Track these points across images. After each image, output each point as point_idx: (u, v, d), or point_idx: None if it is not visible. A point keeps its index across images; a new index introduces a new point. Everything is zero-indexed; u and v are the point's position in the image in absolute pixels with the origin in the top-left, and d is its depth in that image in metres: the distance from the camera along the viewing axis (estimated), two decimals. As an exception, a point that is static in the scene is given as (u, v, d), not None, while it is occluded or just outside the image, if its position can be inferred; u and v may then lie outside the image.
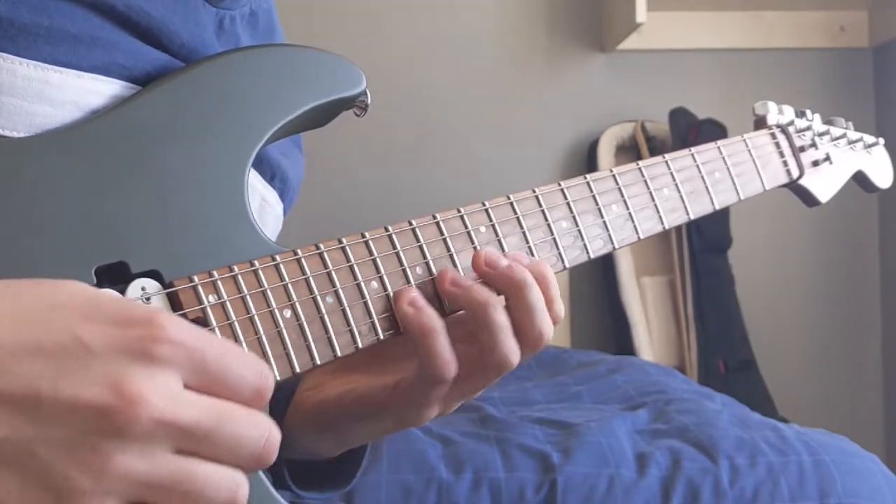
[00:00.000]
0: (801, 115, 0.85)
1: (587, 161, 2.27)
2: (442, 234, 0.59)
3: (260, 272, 0.51)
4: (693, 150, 0.74)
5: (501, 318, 0.56)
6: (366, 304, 0.55)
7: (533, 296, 0.57)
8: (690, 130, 2.13)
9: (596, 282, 2.24)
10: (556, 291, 0.59)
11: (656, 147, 2.20)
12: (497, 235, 0.62)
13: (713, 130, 2.10)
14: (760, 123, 0.83)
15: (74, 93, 0.50)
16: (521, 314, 0.57)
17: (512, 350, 0.56)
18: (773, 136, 0.82)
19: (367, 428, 0.65)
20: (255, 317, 0.50)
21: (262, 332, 0.50)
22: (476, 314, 0.56)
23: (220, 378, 0.41)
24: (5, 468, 0.36)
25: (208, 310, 0.49)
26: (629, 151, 2.24)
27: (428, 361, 0.55)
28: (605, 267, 2.19)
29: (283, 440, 0.65)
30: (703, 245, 2.12)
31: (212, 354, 0.40)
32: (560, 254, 0.64)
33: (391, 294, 0.56)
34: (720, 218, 2.14)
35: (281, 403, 0.67)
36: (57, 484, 0.37)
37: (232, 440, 0.40)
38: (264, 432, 0.41)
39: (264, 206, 0.61)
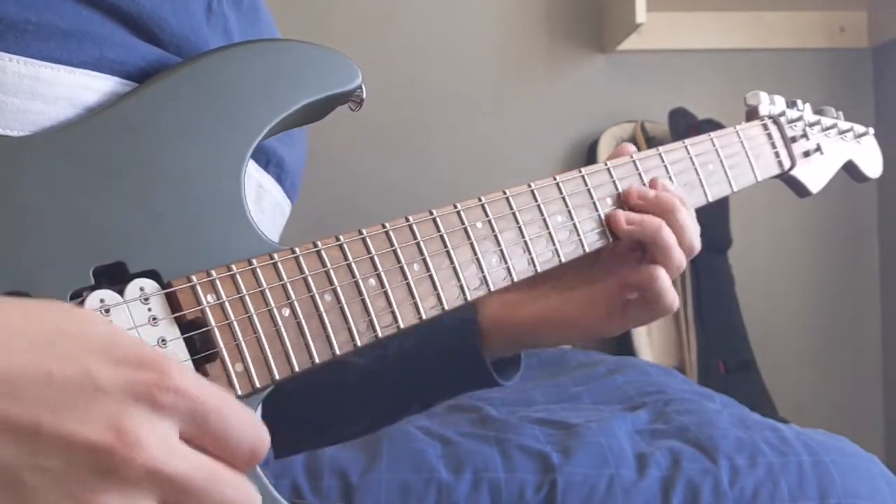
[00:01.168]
0: (792, 105, 0.85)
1: (587, 161, 2.27)
2: (439, 230, 0.59)
3: (258, 271, 0.51)
4: (686, 142, 0.74)
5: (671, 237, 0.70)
6: (364, 301, 0.55)
7: (683, 215, 0.70)
8: (690, 131, 2.13)
9: (596, 282, 2.24)
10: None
11: (656, 147, 2.20)
12: (493, 231, 0.62)
13: (712, 131, 2.10)
14: (752, 114, 0.83)
15: (67, 89, 0.50)
16: (677, 232, 0.70)
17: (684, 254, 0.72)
18: (765, 126, 0.82)
19: (558, 340, 0.77)
20: (254, 316, 0.50)
21: (260, 331, 0.50)
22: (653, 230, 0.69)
23: (219, 434, 0.41)
24: None
25: (207, 310, 0.49)
26: (629, 152, 2.24)
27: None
28: (604, 267, 2.19)
29: (478, 345, 0.74)
30: (702, 245, 2.12)
31: (214, 409, 0.40)
32: (556, 248, 0.64)
33: (389, 291, 0.56)
34: (720, 218, 2.14)
35: (467, 325, 0.74)
36: None
37: (218, 502, 0.40)
38: (249, 501, 0.41)
39: (261, 192, 0.61)
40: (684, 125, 2.14)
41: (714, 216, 0.87)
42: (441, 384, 0.79)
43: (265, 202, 0.62)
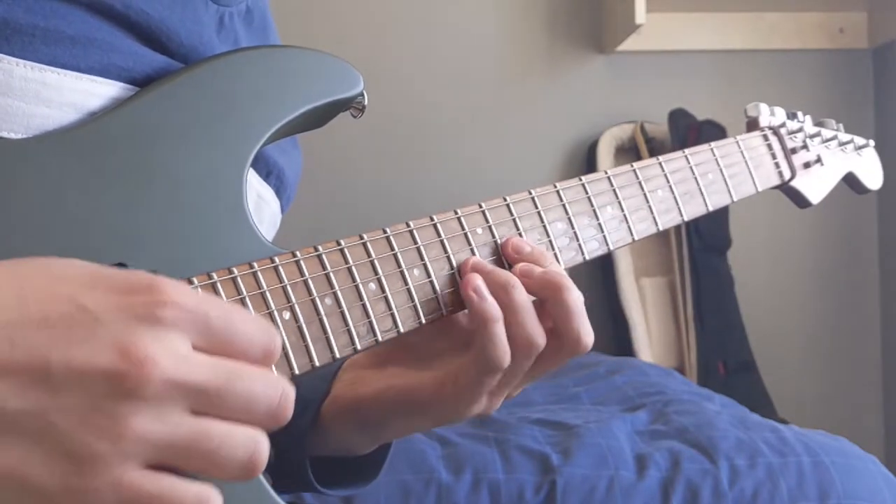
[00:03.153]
0: (792, 116, 0.86)
1: (586, 162, 2.27)
2: (439, 235, 0.60)
3: (259, 274, 0.52)
4: (687, 151, 0.74)
5: (575, 298, 0.59)
6: (364, 305, 0.55)
7: (572, 298, 0.59)
8: (690, 132, 2.13)
9: (595, 283, 2.24)
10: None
11: (656, 148, 2.20)
12: (494, 237, 0.62)
13: (712, 132, 2.11)
14: (753, 125, 0.83)
15: (73, 94, 0.50)
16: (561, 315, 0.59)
17: (589, 332, 0.60)
18: (766, 137, 0.82)
19: (406, 424, 0.65)
20: (254, 318, 0.50)
21: (261, 333, 0.51)
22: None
23: (228, 338, 0.41)
24: (26, 440, 0.37)
25: (208, 312, 0.49)
26: (628, 153, 2.24)
27: (488, 348, 0.57)
28: (604, 268, 2.19)
29: (316, 437, 0.65)
30: (702, 246, 2.12)
31: (216, 315, 0.40)
32: (556, 255, 0.65)
33: (389, 295, 0.57)
34: (719, 219, 2.14)
35: (315, 402, 0.68)
36: (77, 451, 0.37)
37: (245, 398, 0.40)
38: (278, 389, 0.41)
39: (260, 203, 0.62)
40: (684, 126, 2.15)
41: (714, 217, 0.87)
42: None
43: (264, 213, 0.62)
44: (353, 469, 0.70)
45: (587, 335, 0.60)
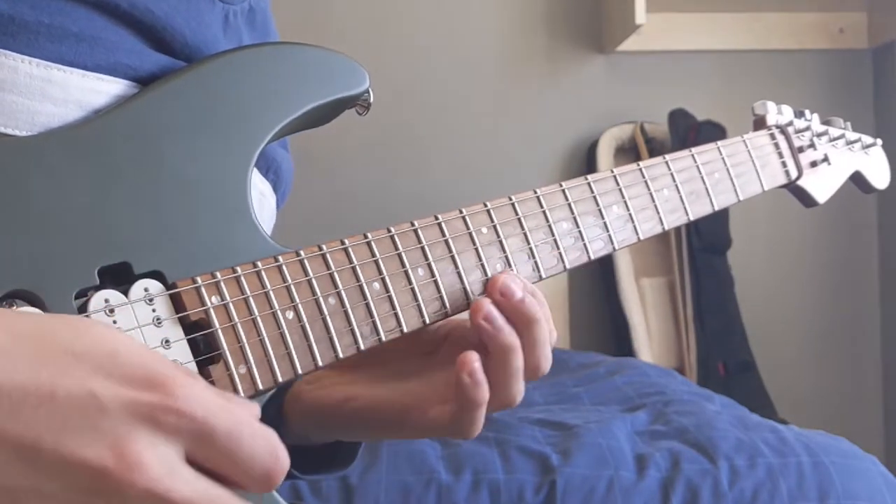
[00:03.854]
0: (799, 115, 0.85)
1: (586, 162, 2.27)
2: (444, 235, 0.59)
3: (263, 273, 0.51)
4: (693, 150, 0.74)
5: (519, 363, 0.57)
6: (368, 305, 0.55)
7: (542, 332, 0.58)
8: (689, 131, 2.13)
9: (595, 283, 2.24)
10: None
11: (655, 148, 2.20)
12: (499, 236, 0.62)
13: (712, 131, 2.11)
14: (760, 123, 0.83)
15: (78, 92, 0.50)
16: (528, 349, 0.57)
17: (520, 391, 0.58)
18: (773, 136, 0.82)
19: (364, 435, 0.65)
20: (258, 318, 0.50)
21: (264, 333, 0.50)
22: (501, 356, 0.57)
23: (228, 455, 0.40)
24: None
25: (211, 311, 0.49)
26: (628, 153, 2.24)
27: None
28: (604, 268, 2.19)
29: (275, 425, 0.64)
30: (702, 246, 2.12)
31: (223, 430, 0.39)
32: (561, 254, 0.64)
33: (393, 295, 0.56)
34: (720, 219, 2.14)
35: (279, 391, 0.66)
36: None
37: None
38: None
39: (262, 199, 0.61)
40: (684, 126, 2.15)
41: (714, 218, 0.87)
42: None
43: (265, 210, 0.62)
44: (330, 454, 0.69)
45: (546, 365, 0.59)
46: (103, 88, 0.51)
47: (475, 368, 0.54)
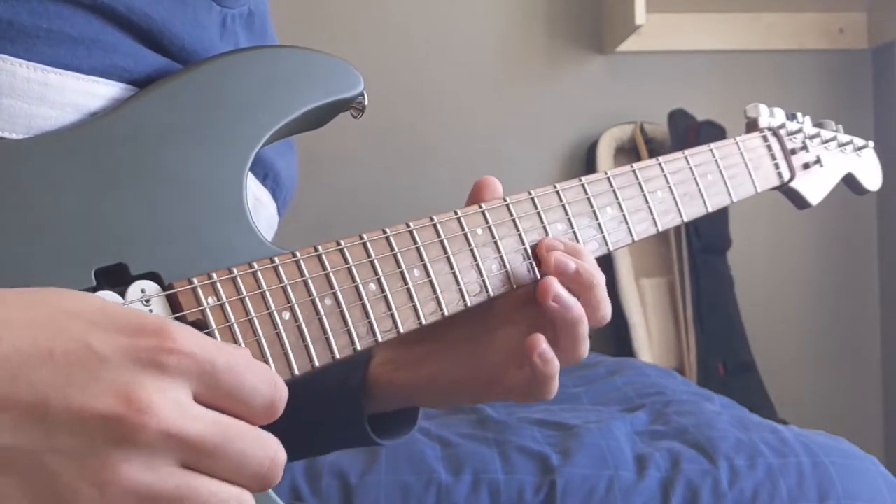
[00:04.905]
0: (791, 117, 0.86)
1: (586, 162, 2.28)
2: (439, 236, 0.60)
3: (259, 274, 0.52)
4: (686, 152, 0.74)
5: (585, 330, 0.61)
6: (364, 305, 0.55)
7: (601, 292, 0.63)
8: (689, 132, 2.13)
9: (595, 283, 2.24)
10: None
11: (655, 149, 2.20)
12: (494, 237, 0.62)
13: (712, 132, 2.11)
14: (752, 126, 0.83)
15: (74, 95, 0.50)
16: (591, 311, 0.62)
17: (584, 351, 0.63)
18: (765, 138, 0.82)
19: (449, 404, 0.71)
20: (255, 319, 0.50)
21: (261, 333, 0.51)
22: (571, 329, 0.61)
23: (232, 390, 0.41)
24: (13, 475, 0.36)
25: (207, 312, 0.49)
26: (628, 153, 2.25)
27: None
28: (604, 268, 2.15)
29: (362, 393, 0.68)
30: (702, 246, 2.12)
31: (223, 365, 0.40)
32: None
33: (389, 296, 0.57)
34: (719, 219, 2.14)
35: (361, 363, 0.70)
36: (62, 494, 0.37)
37: (237, 457, 0.40)
38: (270, 452, 0.41)
39: (258, 205, 0.62)
40: (684, 126, 2.15)
41: (713, 218, 0.87)
42: (319, 440, 0.73)
43: (261, 216, 0.62)
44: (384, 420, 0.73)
45: (609, 312, 0.64)
46: (99, 91, 0.51)
47: (544, 349, 0.60)
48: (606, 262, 2.15)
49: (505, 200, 0.63)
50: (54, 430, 0.37)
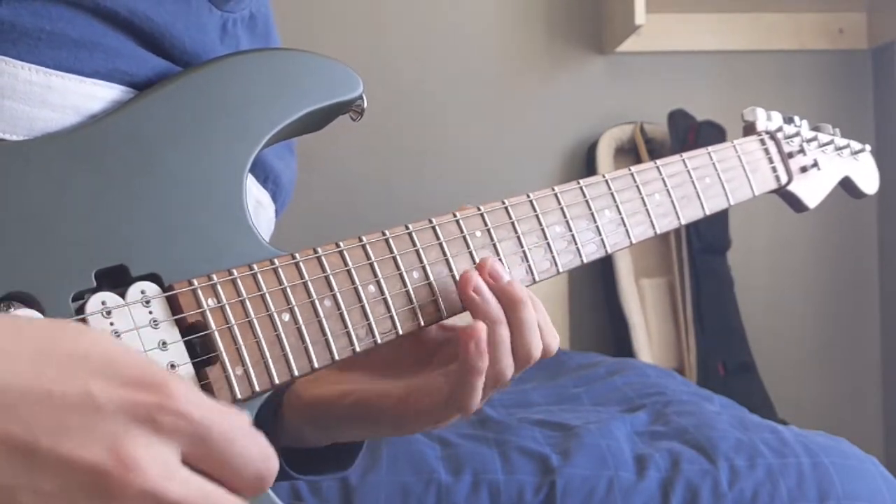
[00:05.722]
0: (789, 121, 0.86)
1: (586, 163, 2.28)
2: (438, 238, 0.60)
3: (259, 276, 0.52)
4: (684, 155, 0.74)
5: (506, 336, 0.58)
6: (363, 307, 0.55)
7: (528, 313, 0.59)
8: (689, 132, 2.13)
9: (595, 284, 2.25)
10: (547, 318, 0.61)
11: (655, 149, 2.20)
12: (492, 240, 0.62)
13: (712, 132, 2.11)
14: (749, 129, 0.84)
15: (75, 98, 0.50)
16: (516, 331, 0.59)
17: (509, 366, 0.59)
18: (763, 142, 0.82)
19: (362, 431, 0.65)
20: (254, 320, 0.51)
21: (260, 335, 0.51)
22: (490, 327, 0.58)
23: (223, 457, 0.40)
24: None
25: (207, 313, 0.49)
26: (628, 153, 2.25)
27: (479, 354, 0.57)
28: (604, 269, 2.19)
29: (269, 426, 0.63)
30: (702, 247, 2.12)
31: (218, 431, 0.40)
32: (553, 258, 0.65)
33: (388, 297, 0.57)
34: (719, 220, 2.14)
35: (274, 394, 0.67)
36: None
37: None
38: None
39: (258, 208, 0.62)
40: (683, 126, 2.15)
41: (713, 218, 0.87)
42: None
43: (261, 218, 0.62)
44: (330, 456, 0.70)
45: (537, 349, 0.60)
46: (100, 94, 0.51)
47: (481, 338, 0.56)
48: (606, 263, 2.15)
49: (503, 203, 0.64)
50: (38, 470, 0.36)
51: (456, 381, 0.58)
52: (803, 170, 0.84)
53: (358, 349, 0.55)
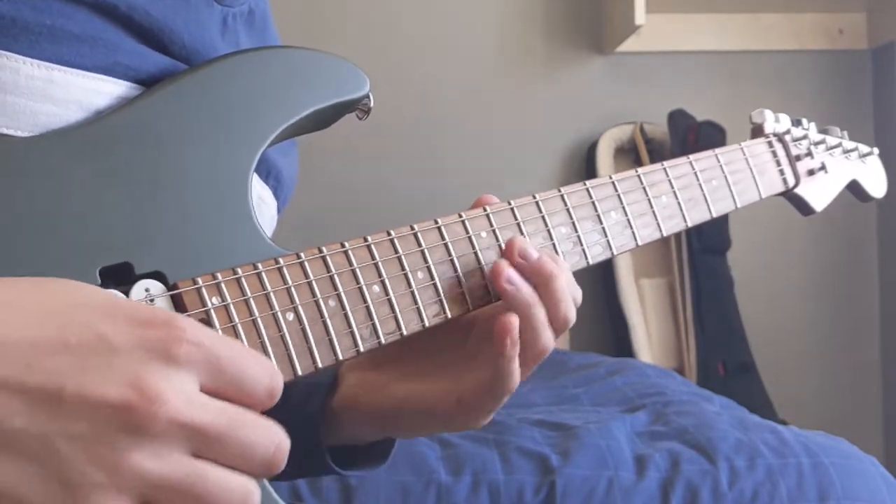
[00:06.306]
0: (797, 123, 0.85)
1: (586, 163, 2.28)
2: (443, 238, 0.60)
3: (263, 275, 0.52)
4: (691, 157, 0.74)
5: (542, 315, 0.59)
6: (367, 308, 0.55)
7: (560, 283, 0.60)
8: (689, 132, 2.13)
9: (595, 284, 2.24)
10: (570, 275, 0.62)
11: (655, 149, 2.20)
12: (497, 241, 0.62)
13: (712, 132, 2.11)
14: (757, 131, 0.83)
15: (79, 92, 0.50)
16: (551, 304, 0.60)
17: (549, 339, 0.60)
18: (770, 144, 0.82)
19: (422, 431, 0.68)
20: (258, 319, 0.51)
21: (264, 334, 0.51)
22: (525, 311, 0.59)
23: (235, 380, 0.42)
24: (25, 460, 0.37)
25: (212, 312, 0.49)
26: (628, 154, 2.25)
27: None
28: (604, 269, 2.19)
29: (325, 426, 0.66)
30: (702, 247, 2.12)
31: (227, 356, 0.41)
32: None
33: (393, 298, 0.57)
34: (719, 220, 2.13)
35: (321, 387, 0.68)
36: (71, 479, 0.37)
37: (244, 445, 0.41)
38: (275, 439, 0.42)
39: (261, 204, 0.62)
40: (683, 127, 2.15)
41: (714, 219, 0.88)
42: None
43: (264, 214, 0.62)
44: (360, 452, 0.71)
45: (573, 314, 0.61)
46: (104, 89, 0.51)
47: (516, 333, 0.57)
48: (606, 263, 2.15)
49: (509, 204, 0.63)
50: (68, 415, 0.37)
51: (497, 373, 0.58)
52: (811, 173, 0.84)
53: (362, 349, 0.55)
